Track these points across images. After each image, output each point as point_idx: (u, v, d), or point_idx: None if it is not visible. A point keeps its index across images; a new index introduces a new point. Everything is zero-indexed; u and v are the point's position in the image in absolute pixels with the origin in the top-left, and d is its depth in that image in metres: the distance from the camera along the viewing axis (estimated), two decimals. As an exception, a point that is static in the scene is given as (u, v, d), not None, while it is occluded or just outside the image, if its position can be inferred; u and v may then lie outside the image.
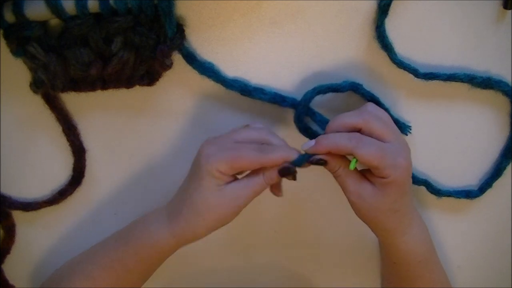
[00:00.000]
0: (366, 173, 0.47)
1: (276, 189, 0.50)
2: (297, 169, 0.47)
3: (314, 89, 0.52)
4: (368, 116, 0.46)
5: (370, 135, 0.45)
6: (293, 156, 0.46)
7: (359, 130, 0.46)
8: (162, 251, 0.49)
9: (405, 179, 0.46)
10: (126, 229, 0.52)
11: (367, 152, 0.44)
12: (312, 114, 0.53)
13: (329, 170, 0.48)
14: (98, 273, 0.51)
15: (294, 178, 0.47)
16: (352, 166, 0.46)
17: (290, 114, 0.54)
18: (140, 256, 0.49)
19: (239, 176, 0.48)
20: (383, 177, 0.45)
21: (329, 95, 0.53)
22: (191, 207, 0.46)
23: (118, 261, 0.50)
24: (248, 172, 0.48)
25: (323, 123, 0.52)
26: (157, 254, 0.49)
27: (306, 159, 0.46)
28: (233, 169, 0.45)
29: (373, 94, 0.53)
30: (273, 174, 0.46)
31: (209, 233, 0.48)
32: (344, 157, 0.47)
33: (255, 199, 0.48)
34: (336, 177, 0.48)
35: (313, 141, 0.46)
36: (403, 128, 0.55)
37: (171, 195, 0.52)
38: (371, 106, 0.47)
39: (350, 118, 0.46)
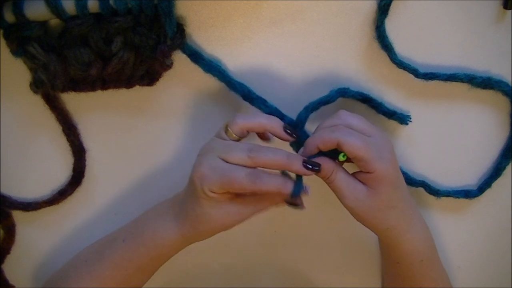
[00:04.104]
0: (357, 175, 0.48)
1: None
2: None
3: (306, 108, 0.51)
4: (344, 116, 0.48)
5: None
6: (288, 187, 0.46)
7: None
8: (172, 250, 0.51)
9: (394, 172, 0.47)
10: (133, 228, 0.52)
11: (353, 141, 0.45)
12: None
13: (322, 177, 0.48)
14: (108, 273, 0.51)
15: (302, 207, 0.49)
16: (341, 157, 0.47)
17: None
18: (151, 255, 0.51)
19: None
20: (370, 172, 0.46)
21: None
22: (195, 219, 0.48)
23: (130, 261, 0.51)
24: None
25: None
26: (167, 252, 0.51)
27: (301, 186, 0.46)
28: (226, 190, 0.46)
29: (362, 92, 0.53)
30: (280, 203, 0.48)
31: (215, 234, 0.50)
32: (335, 162, 0.48)
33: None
34: (329, 183, 0.48)
35: (302, 148, 0.49)
36: (402, 118, 0.54)
37: (171, 195, 0.52)
38: (343, 110, 0.49)
39: (328, 122, 0.48)
